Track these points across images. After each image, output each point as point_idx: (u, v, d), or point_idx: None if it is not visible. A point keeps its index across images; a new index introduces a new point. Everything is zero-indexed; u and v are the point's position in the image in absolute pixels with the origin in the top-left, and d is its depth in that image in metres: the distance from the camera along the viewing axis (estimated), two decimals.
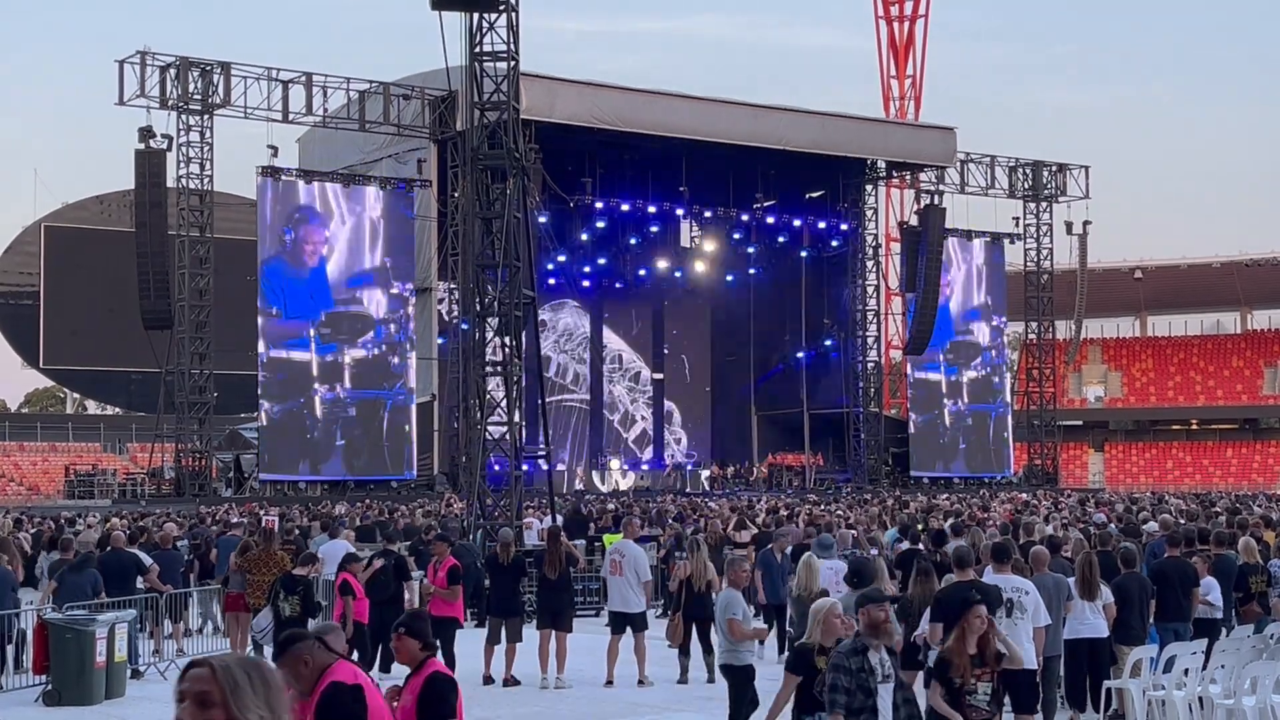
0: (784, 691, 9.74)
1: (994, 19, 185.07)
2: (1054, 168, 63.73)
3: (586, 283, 62.60)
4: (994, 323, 64.06)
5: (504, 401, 27.26)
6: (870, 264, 62.48)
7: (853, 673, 8.75)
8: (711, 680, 16.93)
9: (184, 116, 47.04)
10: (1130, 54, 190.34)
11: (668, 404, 67.70)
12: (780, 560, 19.27)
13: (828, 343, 63.31)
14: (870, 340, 62.43)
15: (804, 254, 62.77)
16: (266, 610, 15.63)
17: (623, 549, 17.90)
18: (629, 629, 17.37)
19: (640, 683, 16.94)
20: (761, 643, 15.56)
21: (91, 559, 18.23)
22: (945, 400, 62.10)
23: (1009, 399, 64.95)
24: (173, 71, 46.53)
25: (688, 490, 55.30)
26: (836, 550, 17.14)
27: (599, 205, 55.56)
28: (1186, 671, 13.47)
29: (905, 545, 19.19)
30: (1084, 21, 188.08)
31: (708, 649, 17.10)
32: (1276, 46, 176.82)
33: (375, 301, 49.91)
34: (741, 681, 12.78)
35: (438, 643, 8.79)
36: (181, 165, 47.41)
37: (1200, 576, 14.91)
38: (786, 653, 10.09)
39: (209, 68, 47.13)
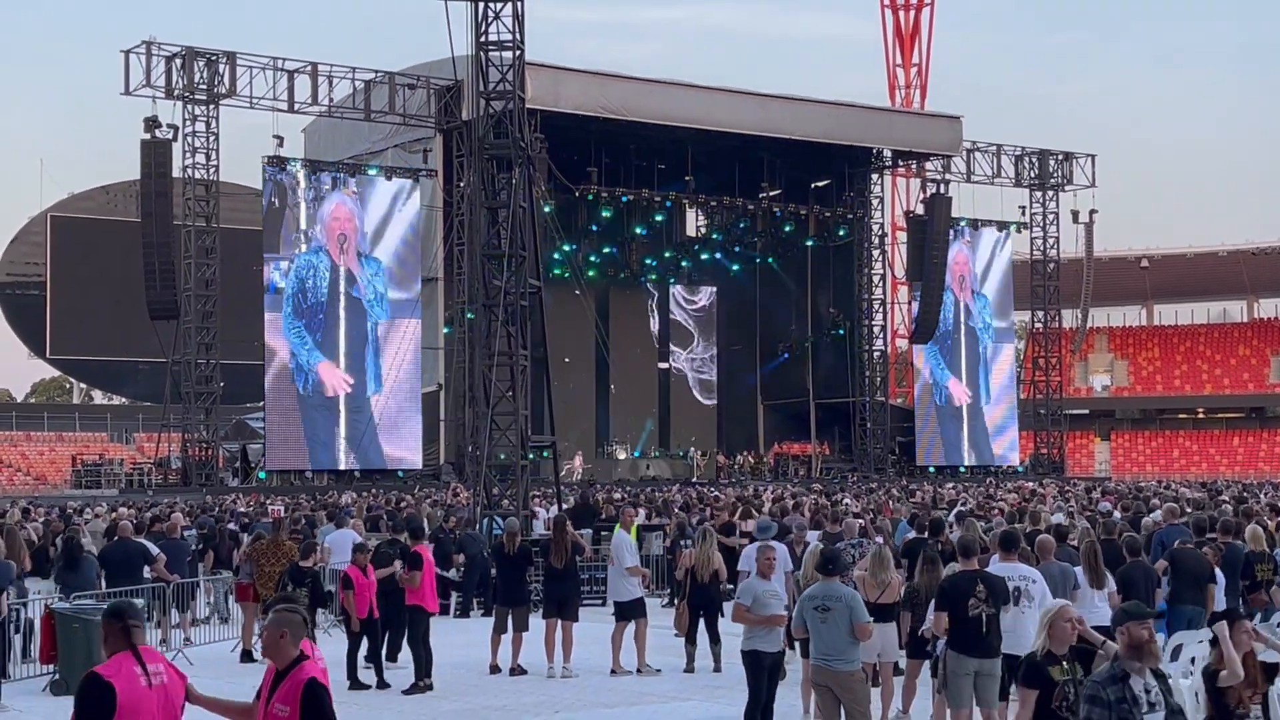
0: (1023, 710, 8.46)
1: (1000, 7, 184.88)
2: (1060, 156, 63.64)
3: (592, 272, 62.56)
4: (1000, 311, 63.98)
5: (510, 391, 27.28)
6: (876, 253, 62.45)
7: (1111, 705, 7.48)
8: (718, 669, 16.96)
9: (189, 106, 47.05)
10: (1137, 42, 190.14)
11: (672, 393, 67.74)
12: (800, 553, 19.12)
13: (834, 332, 63.29)
14: (876, 329, 62.43)
15: (810, 243, 62.73)
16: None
17: (615, 537, 18.07)
18: (629, 617, 17.39)
19: (639, 671, 16.93)
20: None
21: (76, 554, 18.10)
22: (951, 389, 62.09)
23: (1015, 388, 64.90)
24: (178, 61, 46.54)
25: (694, 480, 55.26)
26: (772, 534, 17.29)
27: (604, 194, 55.50)
28: (1193, 660, 13.47)
29: (912, 534, 19.20)
30: (1089, 9, 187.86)
31: (714, 638, 17.12)
32: None
33: (380, 291, 49.92)
34: (751, 668, 12.56)
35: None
36: (187, 155, 47.45)
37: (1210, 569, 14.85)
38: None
39: (214, 58, 47.12)
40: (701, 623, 17.14)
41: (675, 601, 17.64)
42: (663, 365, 67.66)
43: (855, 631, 11.37)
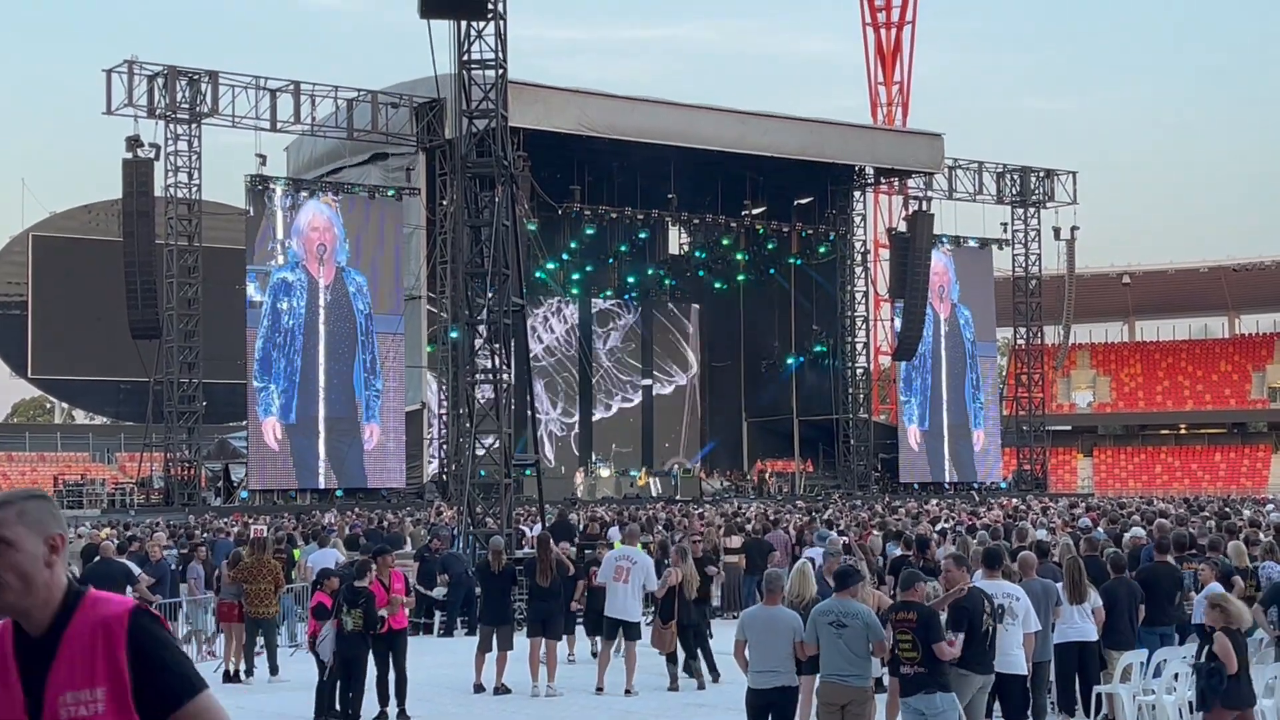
0: None
1: (980, 26, 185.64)
2: (1041, 173, 63.84)
3: (575, 290, 62.60)
4: (982, 328, 64.08)
5: (494, 409, 27.26)
6: (859, 270, 62.55)
7: None
8: (702, 687, 16.97)
9: (171, 126, 46.97)
10: (1116, 59, 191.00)
11: (656, 411, 67.75)
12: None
13: (817, 349, 63.34)
14: (859, 346, 62.50)
15: (793, 260, 62.81)
16: (329, 624, 15.38)
17: (633, 555, 17.68)
18: (621, 637, 17.30)
19: (627, 693, 16.88)
20: None
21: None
22: (934, 406, 62.13)
23: (998, 404, 65.02)
24: (160, 81, 46.48)
25: (677, 497, 55.23)
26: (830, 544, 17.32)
27: (587, 212, 55.56)
28: (1176, 676, 13.50)
29: (899, 552, 19.23)
30: (1069, 28, 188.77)
31: (691, 654, 17.14)
32: (1262, 50, 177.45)
33: (363, 309, 49.84)
34: (793, 702, 11.95)
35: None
36: (169, 174, 47.34)
37: (1205, 583, 14.87)
38: None
39: (196, 77, 47.07)
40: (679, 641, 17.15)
41: (663, 621, 17.50)
42: (645, 382, 67.69)
43: (874, 649, 11.23)
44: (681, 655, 17.31)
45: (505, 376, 27.46)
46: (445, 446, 49.12)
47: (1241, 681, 11.20)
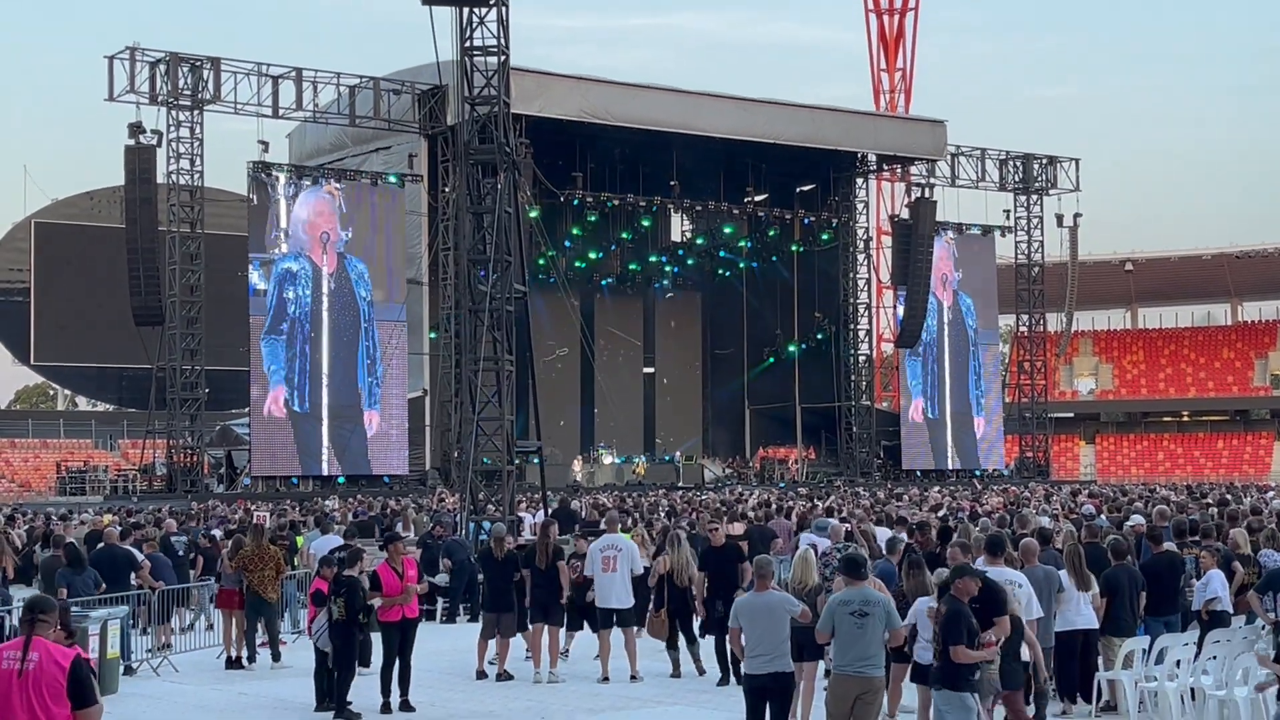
0: None
1: (982, 12, 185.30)
2: (1044, 160, 63.76)
3: (577, 277, 62.57)
4: (985, 315, 64.05)
5: (496, 396, 27.28)
6: (861, 257, 62.51)
7: None
8: (702, 672, 16.98)
9: (174, 112, 46.96)
10: (1118, 46, 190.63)
11: (658, 398, 67.75)
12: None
13: (820, 336, 63.30)
14: (862, 333, 62.49)
15: (795, 247, 62.75)
16: (322, 613, 15.40)
17: (617, 543, 17.68)
18: (617, 625, 17.28)
19: (633, 678, 16.89)
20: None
21: (80, 558, 18.15)
22: (937, 393, 62.12)
23: (1001, 391, 64.99)
24: (162, 67, 46.46)
25: (679, 484, 55.22)
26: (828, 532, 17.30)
27: (589, 199, 55.53)
28: (1178, 663, 13.51)
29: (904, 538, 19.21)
30: (1072, 14, 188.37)
31: (690, 639, 17.16)
32: (1264, 38, 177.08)
33: (366, 296, 49.84)
34: (789, 687, 11.86)
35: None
36: (172, 161, 47.35)
37: (1206, 569, 14.88)
38: None
39: (199, 63, 47.04)
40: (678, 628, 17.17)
41: (655, 609, 17.48)
42: (648, 370, 67.67)
43: (890, 637, 11.05)
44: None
45: (507, 363, 27.49)
46: (448, 433, 49.11)
47: (1008, 663, 11.73)
